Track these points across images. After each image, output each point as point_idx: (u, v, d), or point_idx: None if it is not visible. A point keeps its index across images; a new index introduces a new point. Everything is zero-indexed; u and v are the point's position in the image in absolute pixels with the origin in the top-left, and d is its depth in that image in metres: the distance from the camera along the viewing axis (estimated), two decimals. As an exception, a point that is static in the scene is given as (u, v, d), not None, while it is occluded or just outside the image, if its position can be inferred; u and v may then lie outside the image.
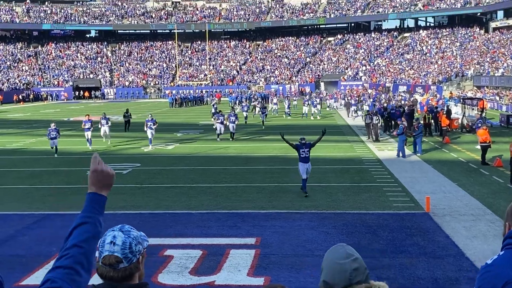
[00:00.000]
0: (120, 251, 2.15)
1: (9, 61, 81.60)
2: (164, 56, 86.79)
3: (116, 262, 2.13)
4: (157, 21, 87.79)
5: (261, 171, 18.82)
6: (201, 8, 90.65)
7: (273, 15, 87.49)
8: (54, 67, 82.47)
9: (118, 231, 2.22)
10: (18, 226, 12.19)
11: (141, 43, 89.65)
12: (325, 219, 12.29)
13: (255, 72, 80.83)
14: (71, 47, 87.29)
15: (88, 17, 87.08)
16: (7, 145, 27.47)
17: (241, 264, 9.27)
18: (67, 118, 45.18)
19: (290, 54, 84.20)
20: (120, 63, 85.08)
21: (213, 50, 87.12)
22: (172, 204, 14.17)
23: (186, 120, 40.38)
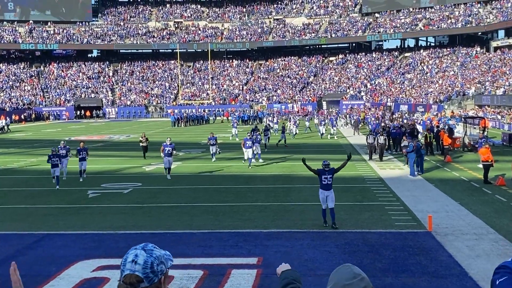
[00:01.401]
0: (142, 270, 2.10)
1: (11, 81, 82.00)
2: (167, 75, 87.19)
3: (137, 282, 2.09)
4: (159, 41, 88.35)
5: (263, 190, 18.75)
6: (203, 28, 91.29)
7: (275, 35, 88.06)
8: (56, 87, 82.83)
9: (140, 249, 2.17)
10: (18, 246, 12.11)
11: (143, 63, 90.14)
12: (327, 238, 12.19)
13: (257, 91, 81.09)
14: (73, 66, 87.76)
15: (90, 37, 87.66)
16: (8, 164, 27.45)
17: (243, 285, 9.17)
18: (68, 137, 45.22)
19: (292, 74, 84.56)
20: (122, 83, 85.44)
21: (216, 70, 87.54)
22: (174, 223, 14.09)
23: (188, 139, 40.40)
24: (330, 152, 28.84)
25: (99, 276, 9.74)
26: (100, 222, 14.42)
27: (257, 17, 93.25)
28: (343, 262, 10.21)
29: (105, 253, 11.27)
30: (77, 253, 11.30)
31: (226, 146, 33.51)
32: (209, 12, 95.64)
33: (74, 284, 9.39)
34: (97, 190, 19.19)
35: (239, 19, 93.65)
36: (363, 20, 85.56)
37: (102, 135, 47.09)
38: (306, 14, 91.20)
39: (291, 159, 26.53)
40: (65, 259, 10.93)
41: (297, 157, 27.46)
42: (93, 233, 13.22)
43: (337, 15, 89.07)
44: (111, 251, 11.34)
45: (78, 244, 12.21)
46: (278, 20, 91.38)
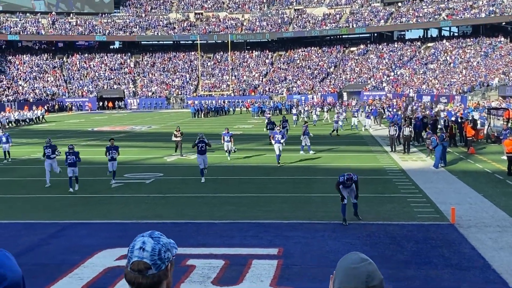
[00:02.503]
0: (149, 257, 2.11)
1: (35, 72, 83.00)
2: (187, 66, 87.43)
3: (145, 268, 2.10)
4: (180, 32, 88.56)
5: (284, 181, 18.75)
6: (224, 19, 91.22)
7: (295, 25, 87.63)
8: (79, 78, 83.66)
9: (147, 237, 2.18)
10: (42, 235, 12.30)
11: (164, 54, 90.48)
12: (349, 229, 12.17)
13: (277, 82, 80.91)
14: (95, 58, 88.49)
15: (112, 29, 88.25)
16: (32, 155, 27.82)
17: (264, 275, 9.20)
18: (91, 128, 45.71)
19: (312, 64, 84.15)
20: (143, 74, 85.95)
21: (236, 61, 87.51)
22: (195, 213, 14.18)
23: (208, 130, 40.54)
24: (352, 144, 28.71)
25: (122, 265, 9.82)
26: (123, 211, 14.59)
27: (277, 8, 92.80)
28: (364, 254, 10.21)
29: (128, 243, 11.21)
30: (101, 242, 11.45)
31: (246, 137, 33.57)
32: (230, 3, 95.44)
33: (98, 273, 9.52)
34: (120, 180, 19.37)
35: (259, 9, 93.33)
36: (385, 9, 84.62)
37: (124, 126, 47.51)
38: (327, 4, 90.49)
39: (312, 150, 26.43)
40: (88, 248, 11.08)
41: (319, 148, 27.40)
42: (116, 222, 13.38)
43: (359, 4, 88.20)
44: (134, 241, 11.45)
45: (102, 233, 12.37)
46: (299, 11, 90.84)
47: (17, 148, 30.35)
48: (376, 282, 2.25)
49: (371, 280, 2.23)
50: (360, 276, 2.22)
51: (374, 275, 2.25)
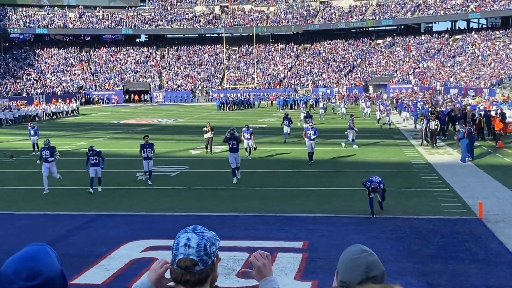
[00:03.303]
0: (196, 253, 2.11)
1: (62, 65, 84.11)
2: (212, 59, 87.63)
3: (192, 265, 2.10)
4: (205, 25, 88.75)
5: (309, 175, 18.70)
6: (249, 12, 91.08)
7: (321, 18, 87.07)
8: (105, 71, 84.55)
9: (191, 232, 2.16)
10: (70, 226, 12.49)
11: (190, 47, 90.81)
12: (374, 223, 12.08)
13: (302, 75, 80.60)
14: (121, 51, 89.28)
15: (138, 22, 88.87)
16: (59, 147, 28.19)
17: (288, 268, 9.20)
18: (117, 121, 46.18)
19: (338, 57, 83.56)
20: (169, 67, 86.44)
21: (261, 54, 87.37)
22: (219, 206, 14.23)
23: (233, 123, 40.59)
24: (377, 137, 28.48)
25: (148, 257, 9.96)
26: (148, 204, 14.71)
27: (303, 0, 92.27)
28: (390, 248, 10.15)
29: (154, 234, 11.50)
30: (127, 234, 11.57)
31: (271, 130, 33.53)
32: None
33: (124, 264, 9.63)
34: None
35: (285, 2, 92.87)
36: (412, 1, 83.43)
37: (150, 118, 47.89)
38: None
39: (337, 144, 26.30)
40: (115, 239, 11.21)
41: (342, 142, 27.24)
42: (142, 214, 13.51)
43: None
44: (159, 232, 11.57)
45: (127, 225, 12.50)
46: (324, 3, 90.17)
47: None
48: (376, 273, 2.26)
49: (371, 270, 2.25)
50: (360, 266, 2.26)
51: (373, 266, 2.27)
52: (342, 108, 44.74)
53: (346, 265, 2.31)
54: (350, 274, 2.27)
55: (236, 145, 17.73)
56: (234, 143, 17.69)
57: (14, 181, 18.62)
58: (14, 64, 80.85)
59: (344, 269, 2.31)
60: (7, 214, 13.93)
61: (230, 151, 17.71)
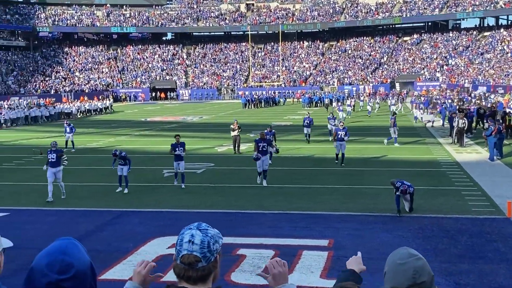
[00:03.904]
0: (199, 250, 2.13)
1: (90, 63, 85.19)
2: (238, 57, 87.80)
3: (195, 261, 2.12)
4: (231, 23, 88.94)
5: (334, 172, 18.61)
6: (275, 9, 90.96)
7: (347, 15, 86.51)
8: (132, 69, 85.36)
9: (195, 229, 2.19)
10: (97, 222, 12.66)
11: (215, 45, 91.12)
12: (401, 222, 11.97)
13: (328, 72, 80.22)
14: (148, 49, 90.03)
15: (164, 20, 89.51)
16: (88, 144, 28.62)
17: (314, 266, 9.18)
18: (144, 118, 46.62)
19: (364, 55, 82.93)
20: (195, 65, 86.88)
21: (286, 51, 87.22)
22: (245, 203, 14.27)
23: (258, 120, 40.64)
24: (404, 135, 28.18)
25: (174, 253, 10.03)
26: (174, 200, 14.83)
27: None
28: (416, 247, 10.04)
29: (180, 231, 11.56)
30: (153, 230, 11.68)
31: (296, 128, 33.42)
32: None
33: (151, 260, 9.73)
34: (172, 169, 19.65)
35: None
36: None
37: (176, 116, 48.23)
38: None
39: (363, 142, 26.13)
40: (141, 235, 11.33)
41: (369, 139, 27.06)
42: (168, 211, 13.62)
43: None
44: (185, 229, 11.63)
45: (154, 222, 12.62)
46: (351, 0, 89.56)
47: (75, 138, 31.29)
48: (424, 278, 2.21)
49: (419, 276, 2.21)
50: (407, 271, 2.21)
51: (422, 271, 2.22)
52: (368, 105, 44.45)
53: (393, 270, 2.25)
54: (398, 280, 2.22)
55: (266, 147, 16.79)
56: (264, 145, 16.73)
57: (43, 178, 18.92)
58: (43, 62, 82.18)
59: (391, 274, 2.25)
60: (37, 209, 14.19)
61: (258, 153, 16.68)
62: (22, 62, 78.75)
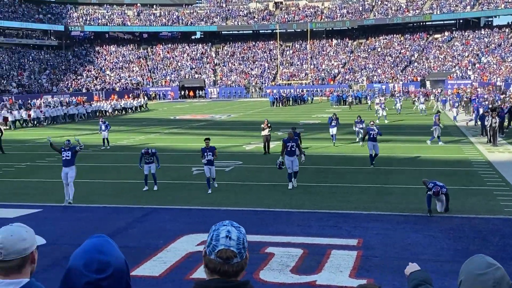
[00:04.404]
0: (236, 246, 2.16)
1: (121, 62, 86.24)
2: (266, 55, 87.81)
3: (232, 256, 2.15)
4: (260, 21, 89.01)
5: (363, 171, 18.49)
6: (303, 7, 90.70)
7: (376, 12, 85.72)
8: (162, 68, 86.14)
9: (230, 226, 2.22)
10: (128, 219, 12.83)
11: (244, 44, 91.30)
12: (431, 222, 11.84)
13: (357, 71, 79.64)
14: (177, 48, 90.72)
15: (194, 19, 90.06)
16: (118, 141, 28.99)
17: (343, 265, 9.15)
18: (173, 116, 47.00)
19: (394, 52, 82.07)
20: (223, 63, 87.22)
21: (315, 49, 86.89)
22: (273, 202, 14.28)
23: (286, 119, 40.59)
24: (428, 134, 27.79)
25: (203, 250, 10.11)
26: (203, 198, 14.93)
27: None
28: (447, 247, 9.93)
29: (209, 229, 11.63)
30: (183, 228, 11.79)
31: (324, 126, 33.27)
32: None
33: (180, 257, 9.82)
34: (201, 167, 19.79)
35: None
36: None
37: (204, 114, 48.50)
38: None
39: (392, 141, 25.88)
40: (171, 232, 11.44)
41: (398, 138, 26.79)
42: (198, 208, 13.72)
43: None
44: (215, 227, 11.71)
45: (184, 219, 12.73)
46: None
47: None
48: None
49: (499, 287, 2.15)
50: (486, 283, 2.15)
51: (501, 282, 2.17)
52: (398, 104, 43.93)
53: (471, 280, 2.18)
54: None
55: (295, 148, 16.07)
56: (293, 145, 15.98)
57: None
58: (75, 61, 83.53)
59: (468, 285, 2.20)
60: (69, 206, 14.44)
61: (287, 154, 15.97)
62: (54, 61, 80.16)
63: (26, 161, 22.65)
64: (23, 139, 31.30)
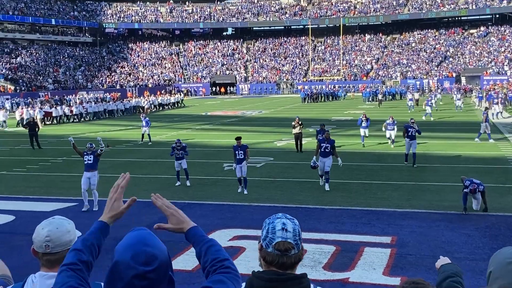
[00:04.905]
0: (292, 237, 2.18)
1: (153, 58, 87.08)
2: (297, 51, 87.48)
3: (290, 248, 2.16)
4: (292, 17, 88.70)
5: (396, 169, 18.27)
6: (336, 2, 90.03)
7: (410, 7, 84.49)
8: (194, 64, 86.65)
9: (284, 218, 2.24)
10: (161, 214, 12.77)
11: (275, 39, 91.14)
12: (466, 220, 11.62)
13: (390, 66, 78.69)
14: (209, 44, 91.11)
15: (225, 15, 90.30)
16: (152, 137, 29.24)
17: (376, 263, 9.05)
18: (205, 112, 47.24)
19: (428, 48, 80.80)
20: (254, 60, 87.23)
21: (347, 45, 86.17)
22: (305, 198, 14.23)
23: (317, 115, 40.38)
24: (470, 131, 27.30)
25: (236, 245, 10.14)
26: (235, 194, 14.96)
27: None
28: (483, 246, 9.75)
29: (241, 224, 11.69)
30: (215, 223, 11.84)
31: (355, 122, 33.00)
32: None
33: (213, 252, 9.86)
34: (232, 163, 19.86)
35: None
36: (510, -12, 79.17)
37: (235, 110, 48.61)
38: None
39: (428, 137, 25.49)
40: (203, 227, 11.34)
41: (432, 135, 26.36)
42: (229, 204, 13.77)
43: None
44: (247, 222, 11.75)
45: (216, 214, 12.79)
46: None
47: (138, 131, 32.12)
48: None
49: None
50: None
51: None
52: (433, 100, 43.18)
53: (501, 269, 2.22)
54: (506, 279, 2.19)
55: (329, 149, 15.27)
56: (327, 146, 15.30)
57: (110, 169, 19.55)
58: (108, 58, 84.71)
59: (498, 274, 2.23)
60: (104, 200, 14.62)
61: (320, 155, 15.37)
62: (89, 57, 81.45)
63: (62, 156, 23.07)
64: (59, 134, 31.88)
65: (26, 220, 11.67)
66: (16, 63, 68.76)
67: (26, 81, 64.64)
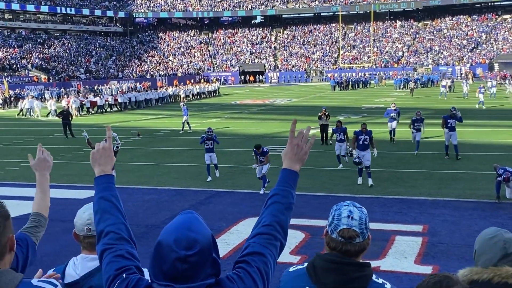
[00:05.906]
0: (358, 226, 2.20)
1: (183, 48, 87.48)
2: (327, 39, 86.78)
3: (355, 236, 2.19)
4: (321, 4, 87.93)
5: (428, 157, 18.05)
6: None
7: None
8: (223, 53, 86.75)
9: (352, 206, 2.26)
10: (192, 201, 13.08)
11: (305, 27, 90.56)
12: (500, 209, 11.44)
13: (422, 53, 77.48)
14: (238, 33, 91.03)
15: (254, 3, 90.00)
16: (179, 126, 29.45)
17: (408, 251, 8.99)
18: (234, 101, 47.34)
19: (460, 34, 79.27)
20: (283, 48, 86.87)
21: (378, 31, 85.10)
22: (334, 187, 14.19)
23: (348, 103, 40.08)
24: (504, 118, 26.78)
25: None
26: (264, 182, 14.98)
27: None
28: (517, 236, 9.55)
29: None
30: (245, 211, 11.91)
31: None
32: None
33: (243, 240, 9.92)
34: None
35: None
36: (546, -29, 77.00)
37: (264, 99, 48.59)
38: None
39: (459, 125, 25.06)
40: (233, 215, 11.58)
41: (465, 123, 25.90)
42: (259, 192, 13.81)
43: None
44: (276, 211, 11.76)
45: (246, 202, 12.86)
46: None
47: (169, 120, 32.40)
48: None
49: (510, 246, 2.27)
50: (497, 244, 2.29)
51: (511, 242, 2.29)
52: (464, 88, 42.40)
53: (483, 245, 2.34)
54: (489, 253, 2.29)
55: (368, 141, 14.43)
56: (366, 138, 14.43)
57: (142, 158, 19.80)
58: (139, 47, 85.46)
59: (481, 250, 2.34)
60: (136, 188, 14.86)
61: (358, 148, 14.46)
62: (119, 47, 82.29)
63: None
64: (91, 123, 32.37)
65: (61, 208, 11.91)
66: (49, 53, 69.92)
67: (59, 71, 65.73)
